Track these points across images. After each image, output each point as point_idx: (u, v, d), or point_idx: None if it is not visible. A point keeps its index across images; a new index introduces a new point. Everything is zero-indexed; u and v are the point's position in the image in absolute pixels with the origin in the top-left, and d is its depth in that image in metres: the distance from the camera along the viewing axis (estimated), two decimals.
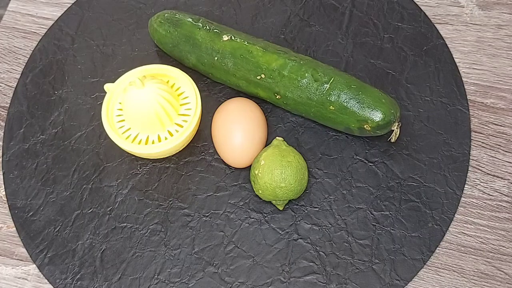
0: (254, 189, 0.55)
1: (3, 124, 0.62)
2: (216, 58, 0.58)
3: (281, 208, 0.55)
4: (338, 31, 0.64)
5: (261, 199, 0.57)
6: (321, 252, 0.54)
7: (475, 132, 0.59)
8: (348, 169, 0.57)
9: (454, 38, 0.63)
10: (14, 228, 0.57)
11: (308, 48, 0.63)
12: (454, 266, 0.54)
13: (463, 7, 0.65)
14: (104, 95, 0.62)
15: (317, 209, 0.56)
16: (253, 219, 0.56)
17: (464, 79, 0.61)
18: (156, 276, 0.54)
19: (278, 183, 0.53)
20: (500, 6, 0.65)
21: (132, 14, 0.66)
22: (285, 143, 0.56)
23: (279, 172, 0.53)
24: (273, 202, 0.55)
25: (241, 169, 0.58)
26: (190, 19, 0.60)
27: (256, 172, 0.54)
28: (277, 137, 0.56)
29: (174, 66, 0.58)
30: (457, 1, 0.65)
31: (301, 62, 0.56)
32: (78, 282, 0.54)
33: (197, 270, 0.54)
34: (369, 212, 0.56)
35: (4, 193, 0.59)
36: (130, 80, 0.57)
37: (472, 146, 0.58)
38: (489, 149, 0.58)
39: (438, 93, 0.60)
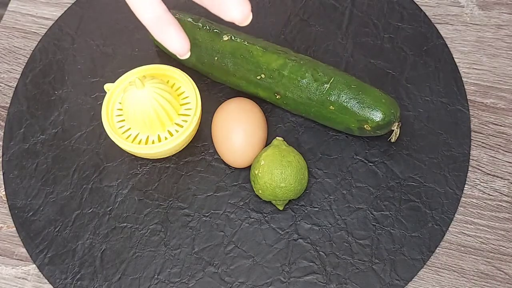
0: (254, 189, 0.55)
1: (3, 124, 0.62)
2: (216, 58, 0.58)
3: (281, 208, 0.55)
4: (338, 31, 0.64)
5: (261, 199, 0.57)
6: (321, 252, 0.54)
7: (475, 132, 0.59)
8: (348, 169, 0.57)
9: (454, 38, 0.64)
10: (14, 228, 0.57)
11: (308, 48, 0.63)
12: (454, 266, 0.54)
13: (463, 7, 0.65)
14: (104, 95, 0.62)
15: (317, 209, 0.56)
16: (253, 219, 0.56)
17: (464, 79, 0.61)
18: (156, 276, 0.54)
19: (278, 183, 0.53)
20: (500, 6, 0.65)
21: (132, 14, 0.66)
22: (285, 143, 0.56)
23: (279, 172, 0.53)
24: (273, 202, 0.55)
25: (241, 169, 0.58)
26: (190, 19, 0.60)
27: (256, 172, 0.54)
28: (277, 137, 0.56)
29: (174, 66, 0.58)
30: (457, 1, 0.65)
31: (301, 62, 0.56)
32: (78, 282, 0.54)
33: (197, 270, 0.54)
34: (369, 212, 0.56)
35: (4, 193, 0.59)
36: (130, 80, 0.57)
37: (472, 146, 0.58)
38: (489, 149, 0.58)
39: (438, 93, 0.60)
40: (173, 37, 0.38)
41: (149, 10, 0.38)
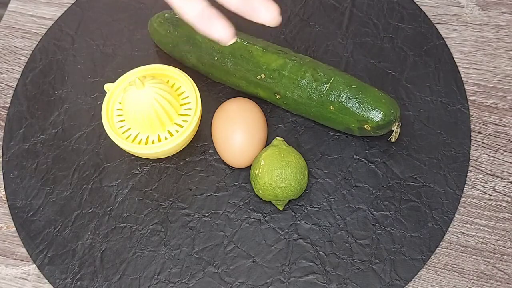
0: (254, 189, 0.55)
1: (3, 124, 0.62)
2: (216, 58, 0.58)
3: (281, 208, 0.55)
4: (338, 31, 0.64)
5: (261, 199, 0.57)
6: (321, 252, 0.54)
7: (475, 132, 0.59)
8: (348, 169, 0.57)
9: (454, 38, 0.64)
10: (14, 228, 0.57)
11: (308, 48, 0.63)
12: (454, 266, 0.54)
13: (463, 7, 0.65)
14: (104, 95, 0.62)
15: (317, 209, 0.56)
16: (253, 219, 0.56)
17: (464, 79, 0.61)
18: (156, 276, 0.54)
19: (278, 183, 0.53)
20: (500, 6, 0.65)
21: (132, 14, 0.66)
22: (285, 143, 0.56)
23: (279, 172, 0.53)
24: (273, 202, 0.55)
25: (241, 169, 0.58)
26: None
27: (256, 172, 0.54)
28: (277, 137, 0.56)
29: (174, 66, 0.58)
30: (457, 1, 0.65)
31: (301, 62, 0.56)
32: (78, 282, 0.54)
33: (197, 270, 0.54)
34: (369, 212, 0.56)
35: (4, 193, 0.59)
36: (130, 80, 0.57)
37: (472, 146, 0.58)
38: (489, 149, 0.58)
39: (438, 93, 0.60)
40: (219, 29, 0.42)
41: (194, 8, 0.41)
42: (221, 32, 0.42)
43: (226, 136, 0.56)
